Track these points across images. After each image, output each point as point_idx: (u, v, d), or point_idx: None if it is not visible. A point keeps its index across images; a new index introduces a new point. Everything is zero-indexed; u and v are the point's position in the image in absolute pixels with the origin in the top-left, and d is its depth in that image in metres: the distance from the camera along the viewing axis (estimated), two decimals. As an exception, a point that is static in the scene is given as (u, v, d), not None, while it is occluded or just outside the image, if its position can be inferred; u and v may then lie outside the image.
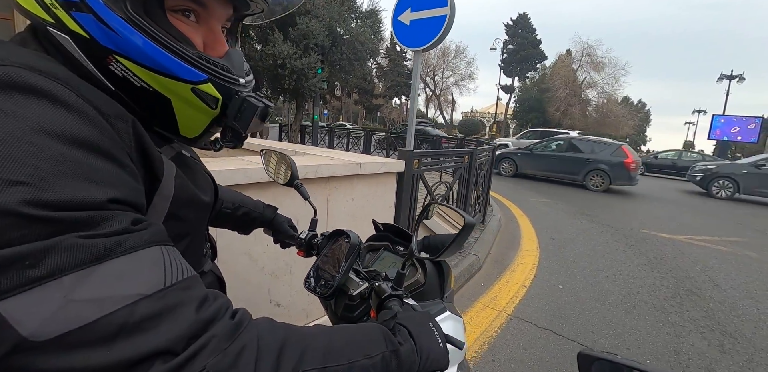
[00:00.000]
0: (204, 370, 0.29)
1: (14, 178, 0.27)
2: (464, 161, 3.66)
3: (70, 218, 0.28)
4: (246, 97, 0.49)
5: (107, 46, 0.40)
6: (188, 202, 0.51)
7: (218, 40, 0.49)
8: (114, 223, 0.31)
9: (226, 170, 1.45)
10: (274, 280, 1.77)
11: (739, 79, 25.48)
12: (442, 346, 0.50)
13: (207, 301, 0.33)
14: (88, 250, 0.28)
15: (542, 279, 3.29)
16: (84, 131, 0.32)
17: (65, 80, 0.34)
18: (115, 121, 0.36)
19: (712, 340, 2.46)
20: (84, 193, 0.30)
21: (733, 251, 4.63)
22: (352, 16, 14.13)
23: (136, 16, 0.41)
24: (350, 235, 0.74)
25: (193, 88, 0.44)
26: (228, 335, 0.32)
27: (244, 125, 0.50)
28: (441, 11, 3.40)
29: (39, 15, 0.40)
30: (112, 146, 0.34)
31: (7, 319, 0.25)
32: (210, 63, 0.45)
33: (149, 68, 0.42)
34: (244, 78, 0.51)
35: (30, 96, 0.31)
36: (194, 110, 0.46)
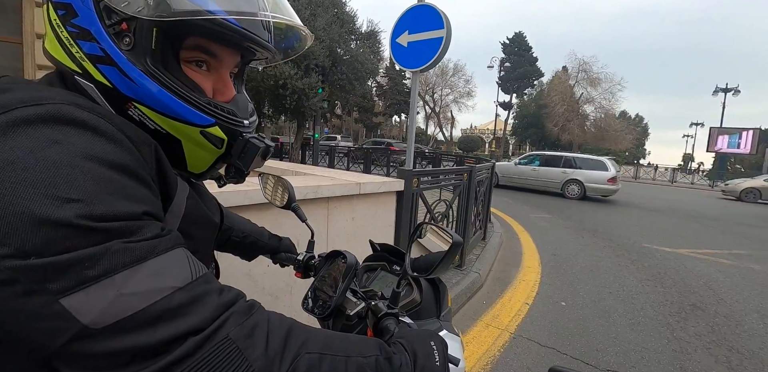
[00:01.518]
0: (227, 337, 0.35)
1: (70, 196, 0.33)
2: (464, 179, 3.71)
3: (115, 228, 0.34)
4: (249, 139, 0.54)
5: (127, 94, 0.46)
6: (198, 220, 0.56)
7: (227, 85, 0.55)
8: (148, 230, 0.37)
9: (227, 192, 1.49)
10: (274, 300, 1.77)
11: (734, 91, 25.86)
12: (439, 364, 0.51)
13: (225, 290, 0.39)
14: (132, 252, 0.34)
15: (545, 296, 3.27)
16: (120, 157, 0.38)
17: (102, 114, 0.40)
18: (141, 146, 0.42)
19: (719, 356, 2.42)
20: (124, 207, 0.36)
21: (737, 264, 4.59)
22: (351, 37, 14.54)
23: (154, 68, 0.46)
24: (347, 256, 0.76)
25: (202, 130, 0.50)
26: (244, 312, 0.38)
27: (246, 163, 0.55)
28: (438, 33, 3.52)
29: (68, 65, 0.46)
30: (141, 169, 0.40)
31: (70, 311, 0.31)
32: (218, 108, 0.51)
33: (164, 114, 0.47)
34: (248, 119, 0.56)
35: (78, 128, 0.37)
36: (202, 150, 0.52)
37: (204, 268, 0.39)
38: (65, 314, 0.30)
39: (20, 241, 0.30)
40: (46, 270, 0.30)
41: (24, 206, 0.31)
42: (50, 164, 0.33)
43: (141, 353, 0.32)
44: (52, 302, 0.30)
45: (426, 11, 3.60)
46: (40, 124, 0.35)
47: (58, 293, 0.30)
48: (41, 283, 0.30)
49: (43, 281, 0.30)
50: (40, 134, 0.35)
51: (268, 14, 0.51)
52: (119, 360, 0.31)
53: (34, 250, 0.30)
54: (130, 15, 0.44)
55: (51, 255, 0.31)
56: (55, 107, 0.37)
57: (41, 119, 0.35)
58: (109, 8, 0.44)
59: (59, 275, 0.31)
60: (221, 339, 0.34)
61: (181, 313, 0.34)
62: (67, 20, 0.45)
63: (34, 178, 0.32)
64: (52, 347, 0.31)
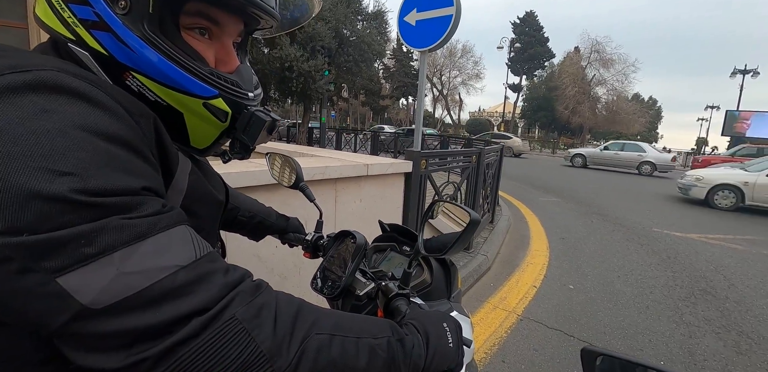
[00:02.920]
0: (233, 317, 0.34)
1: (62, 169, 0.31)
2: (472, 161, 3.65)
3: (113, 203, 0.32)
4: (255, 112, 0.51)
5: (125, 62, 0.43)
6: (202, 197, 0.54)
7: (230, 55, 0.52)
8: (149, 206, 0.35)
9: (234, 173, 1.48)
10: (283, 280, 1.78)
11: (753, 73, 24.93)
12: (452, 345, 0.50)
13: (230, 270, 0.38)
14: (132, 229, 0.32)
15: (552, 279, 3.26)
16: (116, 128, 0.35)
17: (96, 82, 0.37)
18: (139, 118, 0.39)
19: (728, 340, 2.41)
20: (122, 181, 0.33)
21: (749, 250, 4.53)
22: (358, 17, 14.20)
23: (152, 34, 0.43)
24: (356, 236, 0.75)
25: (205, 102, 0.47)
26: (251, 292, 0.37)
27: (252, 138, 0.52)
28: (447, 11, 3.39)
29: (60, 32, 0.43)
30: (139, 142, 0.37)
31: (68, 290, 0.29)
32: (221, 79, 0.48)
33: (164, 84, 0.44)
34: (253, 92, 0.53)
35: (69, 96, 0.34)
36: (205, 123, 0.49)
37: (209, 247, 0.37)
38: (62, 294, 0.29)
39: (11, 217, 0.28)
40: (41, 247, 0.29)
41: (14, 180, 0.29)
42: (40, 135, 0.31)
43: (144, 334, 0.30)
44: (48, 281, 0.29)
45: (435, -13, 3.46)
46: (28, 91, 0.33)
47: (54, 272, 0.29)
48: (36, 261, 0.29)
49: (37, 259, 0.29)
50: (29, 102, 0.32)
51: None
52: (122, 341, 0.30)
53: (27, 226, 0.29)
54: None
55: (45, 231, 0.29)
56: (45, 74, 0.34)
57: (29, 87, 0.33)
58: None
59: (54, 253, 0.29)
60: (227, 319, 0.33)
61: (186, 292, 0.32)
62: None
63: (23, 149, 0.30)
64: (51, 327, 0.30)
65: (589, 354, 0.48)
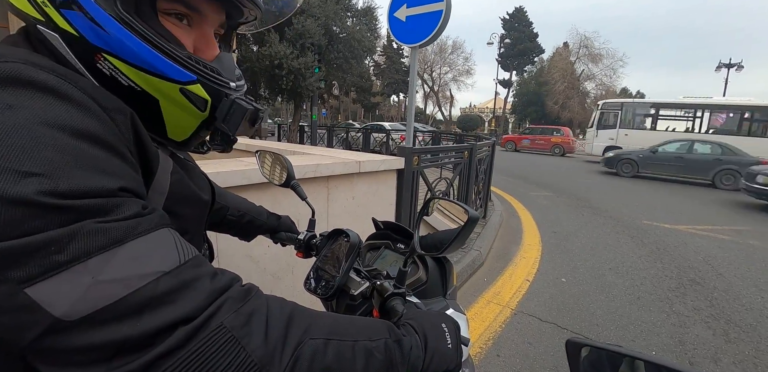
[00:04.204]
0: (221, 326, 0.32)
1: (28, 170, 0.28)
2: (464, 157, 3.66)
3: (86, 206, 0.30)
4: (235, 100, 0.49)
5: (96, 44, 0.40)
6: (186, 198, 0.51)
7: (210, 44, 0.49)
8: (127, 208, 0.32)
9: (224, 172, 1.46)
10: (276, 281, 1.77)
11: (738, 67, 25.32)
12: (450, 346, 0.50)
13: (218, 275, 0.36)
14: (108, 233, 0.30)
15: (545, 273, 3.29)
16: (88, 124, 0.33)
17: (65, 75, 0.35)
18: (115, 114, 0.37)
19: (717, 329, 2.47)
20: (96, 182, 0.31)
21: (736, 240, 4.62)
22: (347, 14, 14.08)
23: (127, 15, 0.41)
24: (349, 235, 0.73)
25: (182, 88, 0.44)
26: (240, 298, 0.35)
27: (233, 128, 0.50)
28: (437, 6, 3.38)
29: (29, 13, 0.41)
30: (114, 139, 0.35)
31: (38, 302, 0.27)
32: (200, 64, 0.45)
33: (137, 67, 0.41)
34: (235, 82, 0.51)
35: (35, 90, 0.32)
36: (183, 112, 0.46)
37: (194, 251, 0.35)
38: (32, 306, 0.27)
39: None
40: (6, 256, 0.26)
41: None
42: (2, 133, 0.28)
43: (124, 347, 0.28)
44: (15, 292, 0.27)
45: (424, -18, 3.44)
46: None
47: (22, 282, 0.27)
48: (1, 271, 0.26)
49: (3, 269, 0.26)
50: None
51: None
52: (101, 354, 0.28)
53: None
54: None
55: (10, 238, 0.27)
56: (8, 66, 0.32)
57: None
58: None
59: (22, 261, 0.27)
60: (215, 328, 0.31)
61: (169, 300, 0.30)
62: None
63: None
64: (22, 343, 0.27)
65: (574, 345, 0.48)
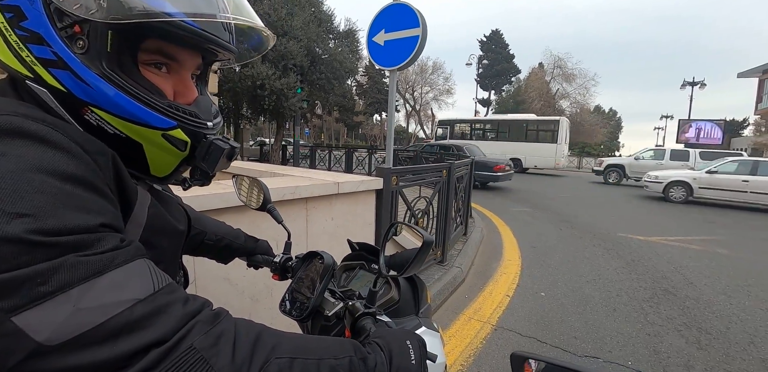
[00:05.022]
0: (191, 347, 0.34)
1: (18, 211, 0.32)
2: (443, 175, 3.75)
3: (69, 241, 0.34)
4: (213, 141, 0.53)
5: (83, 98, 0.44)
6: (162, 229, 0.55)
7: (188, 87, 0.54)
8: (106, 242, 0.36)
9: (203, 195, 1.48)
10: (254, 304, 1.77)
11: (701, 85, 26.86)
12: (414, 362, 0.51)
13: (190, 300, 0.39)
14: (89, 266, 0.34)
15: (525, 288, 3.35)
16: (72, 167, 0.37)
17: (53, 124, 0.39)
18: (97, 156, 0.41)
19: (690, 337, 2.55)
20: (79, 220, 0.35)
21: (706, 249, 4.81)
22: (329, 36, 14.42)
23: (110, 71, 0.45)
24: (324, 256, 0.76)
25: (164, 133, 0.49)
26: (210, 321, 0.38)
27: (211, 165, 0.54)
28: (414, 32, 3.55)
29: (19, 70, 0.45)
30: (96, 179, 0.39)
31: (23, 329, 0.30)
32: (179, 111, 0.50)
33: (122, 118, 0.46)
34: (212, 121, 0.55)
35: (25, 140, 0.36)
36: (165, 153, 0.51)
37: (167, 279, 0.39)
38: (18, 333, 0.30)
39: None
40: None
41: None
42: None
43: (100, 368, 0.31)
44: (3, 320, 0.30)
45: (401, 10, 3.62)
46: None
47: (10, 311, 0.30)
48: None
49: None
50: None
51: (228, 15, 0.50)
52: None
53: None
54: (82, 18, 0.42)
55: (1, 272, 0.30)
56: (3, 119, 0.36)
57: None
58: (60, 10, 0.43)
59: (10, 293, 0.30)
60: (185, 349, 0.34)
61: (143, 325, 0.33)
62: (15, 23, 0.43)
63: None
64: (6, 366, 0.30)
65: (518, 359, 0.52)
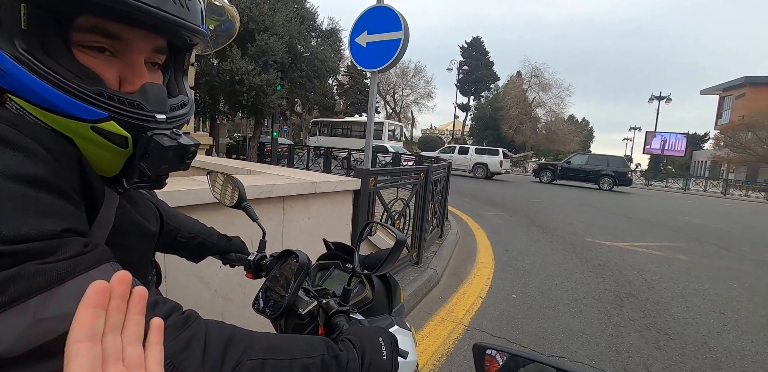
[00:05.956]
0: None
1: None
2: (420, 178, 3.79)
3: (27, 249, 0.31)
4: (153, 136, 0.45)
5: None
6: (130, 231, 0.52)
7: (137, 73, 0.46)
8: (69, 248, 0.34)
9: (176, 191, 1.44)
10: (227, 302, 1.73)
11: (667, 99, 28.36)
12: (386, 358, 0.52)
13: (158, 304, 0.38)
14: (49, 274, 0.32)
15: (497, 289, 3.43)
16: (32, 169, 0.35)
17: (10, 121, 0.36)
18: (60, 156, 0.38)
19: (649, 337, 2.67)
20: (38, 225, 0.33)
21: (666, 255, 5.06)
22: (312, 34, 14.32)
23: (26, 53, 0.39)
24: (298, 255, 0.76)
25: (93, 126, 0.42)
26: (179, 325, 0.37)
27: (152, 166, 0.46)
28: (396, 35, 3.58)
29: None
30: (59, 181, 0.37)
31: None
32: (113, 100, 0.42)
33: (41, 107, 0.40)
34: (167, 113, 0.48)
35: None
36: (102, 149, 0.44)
37: (136, 283, 0.38)
38: None
39: None
40: None
41: None
42: None
43: None
44: None
45: (384, 12, 3.65)
46: None
47: None
48: None
49: None
50: None
51: None
52: None
53: None
54: None
55: None
56: None
57: None
58: None
59: None
60: None
61: None
62: None
63: None
64: None
65: (479, 349, 0.54)
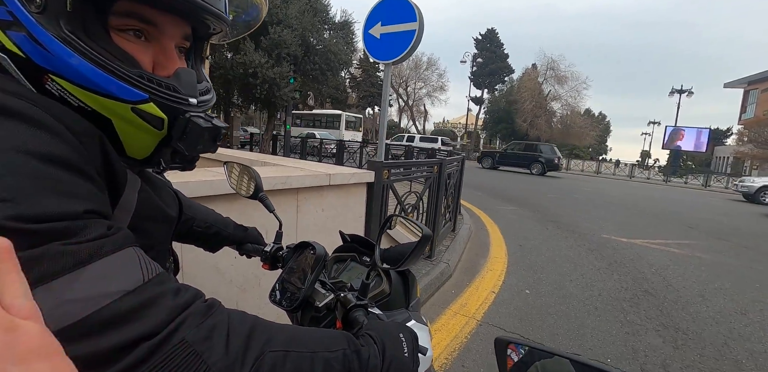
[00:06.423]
0: (183, 341, 0.33)
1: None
2: (434, 171, 3.76)
3: (52, 229, 0.31)
4: (191, 118, 0.47)
5: (42, 65, 0.40)
6: (152, 215, 0.52)
7: (170, 58, 0.49)
8: (92, 230, 0.34)
9: (193, 182, 1.44)
10: (242, 293, 1.75)
11: (689, 93, 27.48)
12: (407, 355, 0.52)
13: (181, 291, 0.37)
14: (73, 255, 0.31)
15: (510, 285, 3.39)
16: (57, 149, 0.34)
17: (35, 100, 0.36)
18: (84, 137, 0.38)
19: (667, 337, 2.62)
20: (62, 206, 0.33)
21: (685, 253, 4.94)
22: (325, 27, 14.25)
23: (71, 35, 0.40)
24: (315, 247, 0.75)
25: (134, 107, 0.44)
26: (202, 313, 0.36)
27: (189, 146, 0.48)
28: (410, 26, 3.52)
29: None
30: (82, 162, 0.36)
31: None
32: (153, 82, 0.45)
33: (85, 88, 0.41)
34: (197, 98, 0.50)
35: (5, 117, 0.33)
36: (139, 131, 0.46)
37: (158, 268, 0.37)
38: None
39: None
40: None
41: None
42: None
43: (88, 363, 0.29)
44: None
45: (399, 3, 3.58)
46: None
47: None
48: None
49: None
50: None
51: None
52: None
53: None
54: None
55: None
56: None
57: None
58: None
59: None
60: (176, 343, 0.33)
61: (132, 318, 0.32)
62: None
63: None
64: None
65: (501, 342, 0.52)
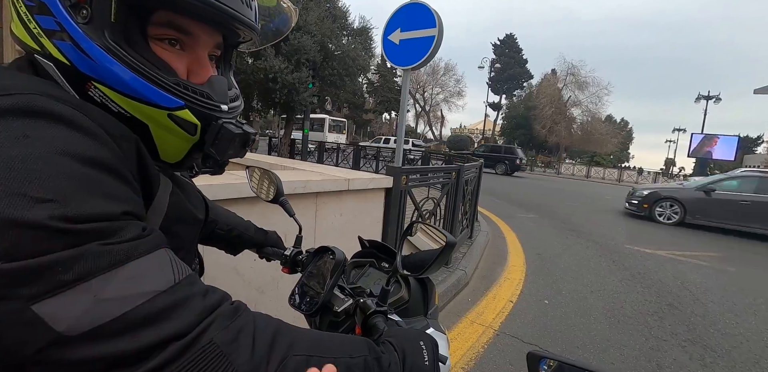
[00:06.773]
0: (212, 342, 0.34)
1: (42, 196, 0.31)
2: (452, 177, 3.73)
3: (92, 229, 0.32)
4: (224, 124, 0.50)
5: (86, 72, 0.43)
6: (181, 218, 0.54)
7: (203, 67, 0.51)
8: (128, 231, 0.35)
9: (216, 185, 1.47)
10: (260, 295, 1.76)
11: (716, 99, 26.55)
12: (428, 364, 0.51)
13: (209, 293, 0.38)
14: (110, 255, 0.33)
15: (528, 294, 3.32)
16: (97, 152, 0.36)
17: (78, 106, 0.38)
18: (121, 141, 0.40)
19: (694, 353, 2.50)
20: (102, 207, 0.34)
21: (713, 266, 4.74)
22: (343, 33, 14.43)
23: (114, 44, 0.43)
24: (335, 252, 0.75)
25: (170, 114, 0.46)
26: (229, 316, 0.37)
27: (221, 152, 0.50)
28: (429, 32, 3.53)
29: (28, 43, 0.44)
30: (120, 165, 0.38)
31: (43, 318, 0.29)
32: (188, 90, 0.47)
33: (125, 95, 0.43)
34: (228, 104, 0.52)
35: (50, 121, 0.35)
36: (173, 136, 0.48)
37: (188, 270, 0.38)
38: (37, 321, 0.29)
39: None
40: (17, 274, 0.29)
41: None
42: (19, 161, 0.31)
43: (119, 361, 0.30)
44: (23, 309, 0.29)
45: (418, 9, 3.60)
46: (9, 116, 0.33)
47: (30, 299, 0.29)
48: (11, 289, 0.29)
49: (13, 286, 0.29)
50: (9, 128, 0.32)
51: None
52: (96, 367, 0.30)
53: (3, 253, 0.28)
54: None
55: (22, 258, 0.29)
56: (26, 98, 0.35)
57: (9, 112, 0.33)
58: None
59: (31, 280, 0.29)
60: (205, 344, 0.33)
61: (163, 318, 0.33)
62: None
63: (1, 175, 0.30)
64: (25, 354, 0.29)
65: (534, 357, 0.51)
